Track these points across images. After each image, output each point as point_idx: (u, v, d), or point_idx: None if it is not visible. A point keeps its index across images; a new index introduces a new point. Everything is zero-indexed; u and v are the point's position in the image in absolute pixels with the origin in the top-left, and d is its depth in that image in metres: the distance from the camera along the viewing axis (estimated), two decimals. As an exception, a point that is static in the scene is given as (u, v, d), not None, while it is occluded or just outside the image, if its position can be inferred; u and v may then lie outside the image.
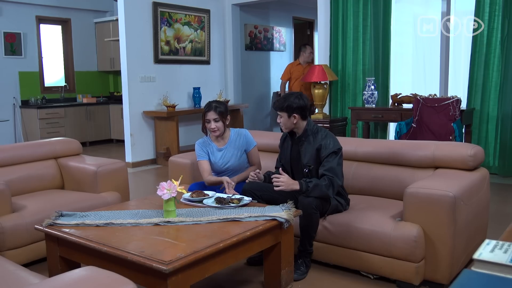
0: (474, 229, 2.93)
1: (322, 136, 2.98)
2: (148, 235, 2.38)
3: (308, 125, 3.03)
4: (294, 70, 7.33)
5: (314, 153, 2.97)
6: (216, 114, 3.30)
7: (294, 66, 7.41)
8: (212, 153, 3.42)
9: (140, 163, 6.87)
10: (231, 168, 3.40)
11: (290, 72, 7.37)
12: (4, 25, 7.98)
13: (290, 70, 7.38)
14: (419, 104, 5.21)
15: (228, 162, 3.39)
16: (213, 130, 3.33)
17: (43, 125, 8.13)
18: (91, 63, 9.40)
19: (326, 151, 2.92)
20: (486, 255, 1.14)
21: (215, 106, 3.31)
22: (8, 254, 2.93)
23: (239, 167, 3.41)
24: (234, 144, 3.41)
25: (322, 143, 2.95)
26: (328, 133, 3.02)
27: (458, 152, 3.07)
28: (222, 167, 3.40)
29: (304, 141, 3.03)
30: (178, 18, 7.25)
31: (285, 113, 2.98)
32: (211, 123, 3.31)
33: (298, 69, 7.29)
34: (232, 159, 3.39)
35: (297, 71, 7.28)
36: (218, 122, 3.32)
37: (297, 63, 7.42)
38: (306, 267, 2.95)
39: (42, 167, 3.78)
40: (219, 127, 3.32)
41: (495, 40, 5.36)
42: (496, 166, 5.48)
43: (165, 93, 7.01)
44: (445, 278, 2.69)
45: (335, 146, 2.94)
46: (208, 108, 3.33)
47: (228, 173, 3.40)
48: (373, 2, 6.21)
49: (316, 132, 3.02)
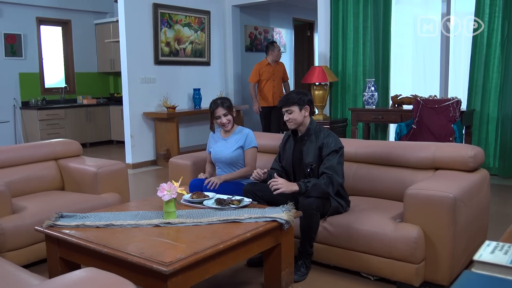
0: (474, 230, 2.93)
1: (325, 135, 3.01)
2: (148, 236, 2.38)
3: (311, 124, 3.07)
4: (264, 71, 6.90)
5: (317, 152, 3.00)
6: (224, 109, 3.48)
7: (263, 67, 6.94)
8: (216, 142, 3.60)
9: (140, 164, 6.87)
10: (223, 159, 3.52)
11: (259, 73, 6.93)
12: (4, 26, 7.99)
13: (259, 71, 6.93)
14: (419, 105, 5.21)
15: (222, 152, 3.52)
16: (225, 125, 3.50)
17: (43, 126, 8.13)
18: (91, 64, 9.40)
19: (328, 149, 2.94)
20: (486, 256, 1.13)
21: (221, 102, 3.49)
22: (8, 255, 2.93)
23: (230, 161, 3.50)
24: (234, 139, 3.53)
25: (324, 141, 2.97)
26: (330, 133, 3.06)
27: (458, 153, 3.07)
28: (216, 156, 3.56)
29: (307, 140, 3.05)
30: (178, 19, 7.25)
31: (296, 107, 3.02)
32: (222, 118, 3.49)
33: (267, 70, 6.90)
34: (227, 151, 3.50)
35: (267, 72, 6.89)
36: (228, 116, 3.50)
37: (265, 63, 6.95)
38: (307, 268, 2.95)
39: (42, 168, 3.78)
40: (230, 120, 3.51)
41: (495, 41, 5.37)
42: (496, 167, 5.48)
43: (165, 94, 7.01)
44: (445, 279, 2.69)
45: (337, 145, 2.96)
46: (215, 106, 3.49)
47: (221, 164, 3.55)
48: (373, 3, 6.21)
49: (318, 131, 3.05)
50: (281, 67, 7.07)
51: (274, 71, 6.90)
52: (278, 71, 6.97)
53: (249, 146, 3.49)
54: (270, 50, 6.92)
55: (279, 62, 7.04)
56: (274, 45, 6.98)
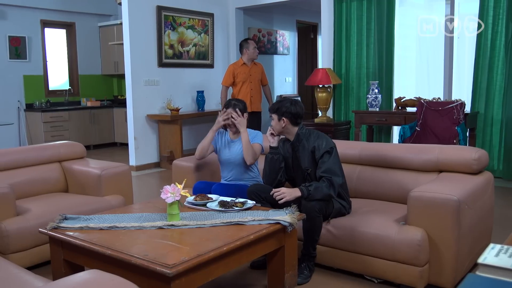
0: (478, 233, 2.92)
1: (315, 138, 3.02)
2: (152, 239, 2.39)
3: (300, 130, 3.08)
4: (239, 72, 6.16)
5: (310, 156, 3.01)
6: (234, 111, 3.48)
7: (238, 67, 6.20)
8: (223, 143, 3.59)
9: (143, 166, 6.88)
10: (233, 160, 3.51)
11: (233, 75, 6.19)
12: (9, 29, 8.02)
13: (234, 72, 6.18)
14: (423, 107, 5.20)
15: (231, 154, 3.51)
16: (231, 126, 3.52)
17: (47, 128, 8.16)
18: (95, 66, 9.43)
19: (320, 151, 2.96)
20: (491, 259, 1.13)
21: (234, 104, 3.51)
22: (12, 257, 2.94)
23: (240, 161, 3.48)
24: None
25: (315, 144, 2.99)
26: (320, 134, 3.07)
27: (462, 155, 3.06)
28: (226, 158, 3.54)
29: (299, 145, 3.07)
30: (182, 21, 7.27)
31: (275, 115, 3.08)
32: (229, 119, 3.49)
33: (243, 70, 6.18)
34: (236, 152, 3.50)
35: (242, 73, 6.17)
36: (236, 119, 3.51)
37: (241, 62, 6.23)
38: (310, 271, 2.95)
39: (46, 170, 3.79)
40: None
41: (499, 44, 5.35)
42: (501, 169, 5.46)
43: (169, 97, 7.02)
44: (449, 282, 2.68)
45: (328, 145, 2.96)
46: (227, 105, 3.53)
47: (231, 165, 3.53)
48: (376, 5, 6.21)
49: (308, 135, 3.06)
50: (259, 68, 6.37)
51: (251, 71, 6.20)
52: (255, 72, 6.27)
53: (255, 141, 3.47)
54: (244, 48, 6.19)
55: (257, 63, 6.37)
56: (248, 42, 6.26)
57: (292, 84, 9.79)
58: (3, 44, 7.99)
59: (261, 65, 6.47)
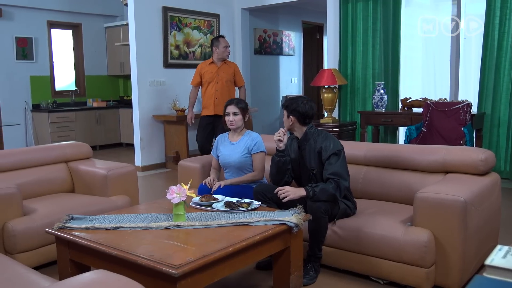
0: (485, 234, 2.91)
1: (323, 139, 3.01)
2: (158, 239, 2.39)
3: (308, 129, 3.07)
4: (206, 71, 5.73)
5: (316, 156, 3.00)
6: (236, 108, 3.51)
7: (205, 66, 5.77)
8: (224, 145, 3.59)
9: (149, 167, 6.90)
10: (232, 163, 3.51)
11: (200, 75, 5.80)
12: (16, 30, 8.07)
13: (201, 71, 5.78)
14: (429, 108, 5.18)
15: (231, 156, 3.51)
16: (231, 123, 3.52)
17: (53, 129, 8.20)
18: (101, 67, 9.47)
19: (327, 153, 2.94)
20: (498, 261, 1.12)
21: (236, 102, 3.54)
22: (19, 257, 2.95)
23: (239, 165, 3.49)
24: (243, 143, 3.53)
25: (323, 145, 2.97)
26: (328, 135, 3.05)
27: (469, 156, 3.04)
28: (225, 160, 3.55)
29: (306, 144, 3.06)
30: (187, 22, 7.28)
31: (285, 112, 3.11)
32: (230, 116, 3.51)
33: (210, 69, 5.73)
34: (235, 155, 3.49)
35: (209, 72, 5.72)
36: (237, 116, 3.51)
37: (209, 61, 5.82)
38: (316, 272, 2.94)
39: (53, 170, 3.80)
40: (236, 120, 3.51)
41: (506, 44, 5.32)
42: (508, 171, 5.43)
43: (175, 97, 7.04)
44: (455, 284, 2.66)
45: (335, 147, 2.95)
46: (229, 102, 3.55)
47: (230, 168, 3.54)
48: (382, 6, 6.19)
49: (317, 135, 3.05)
50: (231, 68, 5.85)
51: (218, 71, 5.72)
52: (225, 72, 5.76)
53: (257, 150, 3.47)
54: (214, 46, 5.73)
55: (229, 62, 5.89)
56: (219, 39, 5.75)
57: (298, 85, 9.79)
58: (10, 45, 8.04)
59: (234, 65, 5.98)
